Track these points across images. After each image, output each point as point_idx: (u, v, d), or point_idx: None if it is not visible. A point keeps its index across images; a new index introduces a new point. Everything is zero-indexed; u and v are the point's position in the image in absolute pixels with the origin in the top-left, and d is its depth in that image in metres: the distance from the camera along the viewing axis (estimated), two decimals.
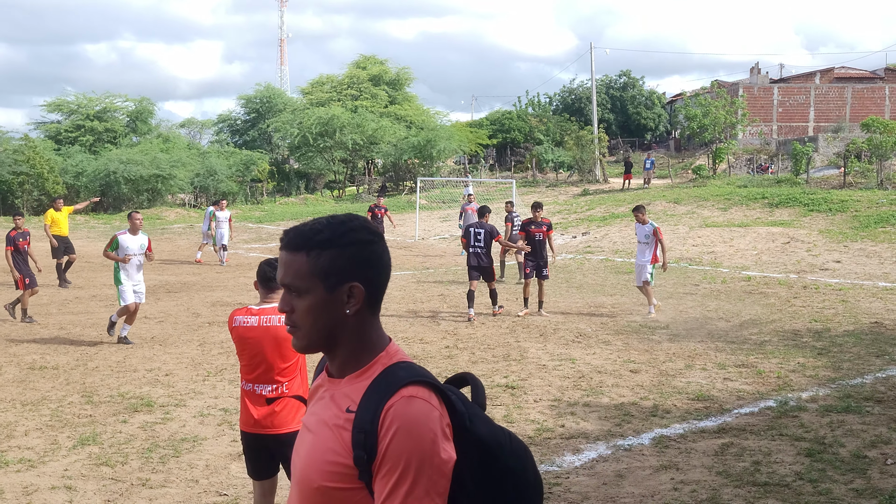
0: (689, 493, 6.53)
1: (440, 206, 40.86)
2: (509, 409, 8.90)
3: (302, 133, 53.40)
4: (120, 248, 12.22)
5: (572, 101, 75.40)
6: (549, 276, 15.33)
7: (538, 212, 15.36)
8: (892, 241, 22.43)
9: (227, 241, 24.08)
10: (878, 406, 8.77)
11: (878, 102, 61.11)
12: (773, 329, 13.25)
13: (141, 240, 12.48)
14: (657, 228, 14.95)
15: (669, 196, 34.25)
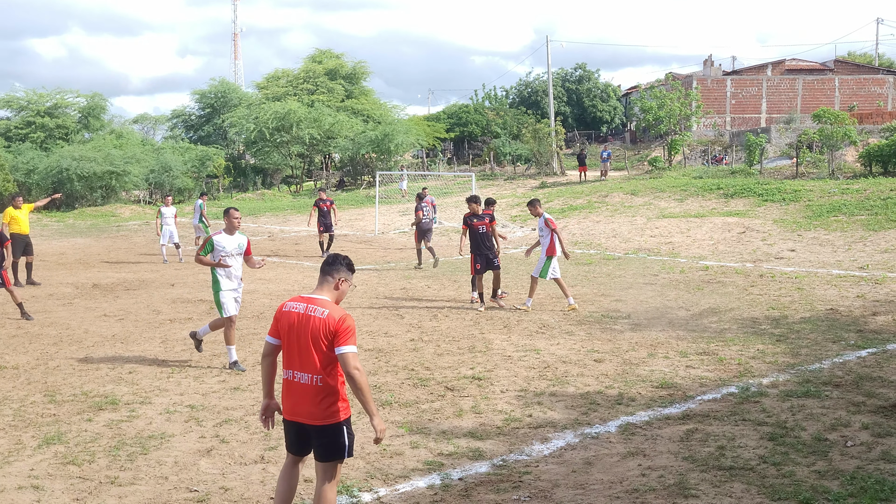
0: (656, 478, 6.64)
1: (398, 200, 40.83)
2: (476, 400, 8.95)
3: (258, 128, 53.00)
4: (215, 250, 10.53)
5: (529, 94, 75.73)
6: (500, 266, 15.31)
7: (475, 205, 15.26)
8: (844, 229, 22.88)
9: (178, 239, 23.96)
10: (837, 390, 8.97)
11: (828, 94, 62.18)
12: (732, 317, 13.47)
13: (239, 240, 10.70)
14: (548, 219, 15.01)
15: (626, 188, 34.56)
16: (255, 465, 7.13)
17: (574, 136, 67.64)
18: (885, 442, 7.26)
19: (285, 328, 5.35)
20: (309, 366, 5.22)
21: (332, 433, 5.27)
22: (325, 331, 5.18)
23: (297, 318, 5.29)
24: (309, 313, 5.26)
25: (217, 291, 10.63)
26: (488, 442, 7.64)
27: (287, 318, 5.33)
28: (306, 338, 5.21)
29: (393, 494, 6.45)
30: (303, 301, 5.36)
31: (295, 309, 5.32)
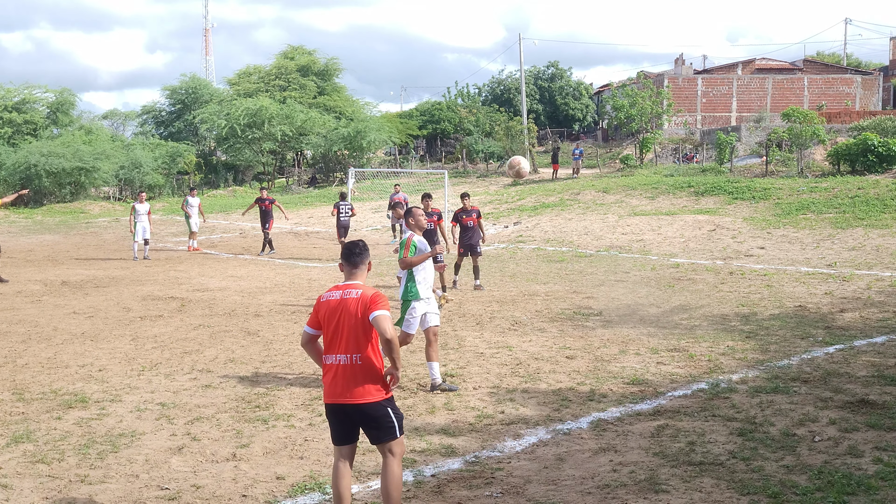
0: (627, 473, 6.69)
1: (371, 198, 40.75)
2: (449, 396, 8.97)
3: (229, 124, 52.62)
4: (417, 250, 9.59)
5: (501, 91, 75.77)
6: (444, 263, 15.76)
7: (428, 201, 16.21)
8: (812, 227, 23.15)
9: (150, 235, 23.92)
10: (805, 386, 9.08)
11: (797, 93, 62.77)
12: (702, 314, 13.59)
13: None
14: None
15: (598, 185, 34.74)
16: (227, 463, 7.10)
17: (546, 134, 67.75)
18: (852, 437, 7.37)
19: (325, 316, 5.66)
20: (351, 346, 5.54)
21: (375, 412, 5.54)
22: (360, 307, 5.55)
23: (336, 304, 5.63)
24: (346, 297, 5.63)
25: (413, 299, 9.47)
26: (461, 438, 7.66)
27: (326, 307, 5.66)
28: (346, 320, 5.56)
29: (366, 491, 6.46)
30: (338, 289, 5.72)
31: (332, 297, 5.69)
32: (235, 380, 9.79)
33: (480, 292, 16.37)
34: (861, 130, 34.17)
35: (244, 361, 10.71)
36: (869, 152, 30.35)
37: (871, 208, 24.18)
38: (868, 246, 20.28)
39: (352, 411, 5.54)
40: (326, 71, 65.17)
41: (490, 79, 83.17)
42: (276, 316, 13.97)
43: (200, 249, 25.69)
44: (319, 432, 7.81)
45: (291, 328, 12.83)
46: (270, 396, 9.07)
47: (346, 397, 5.52)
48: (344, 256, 5.85)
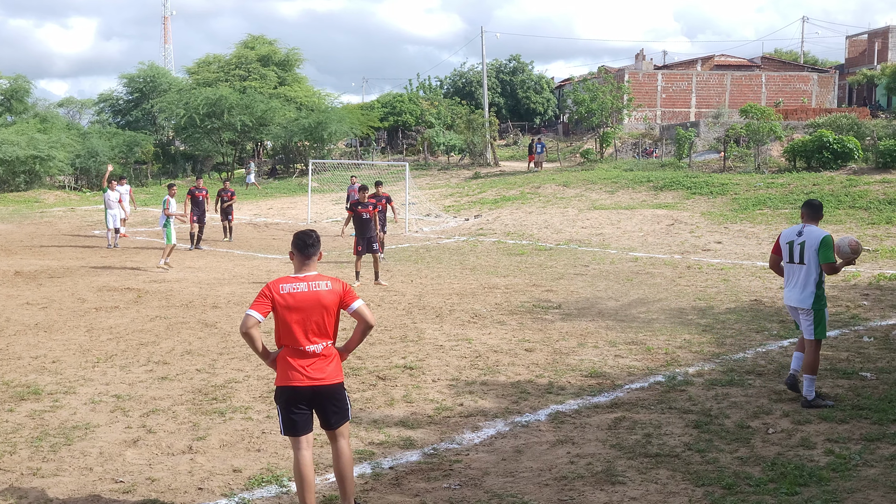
0: (584, 465, 6.73)
1: (332, 189, 40.55)
2: (408, 389, 8.97)
3: (188, 114, 52.01)
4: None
5: (463, 84, 75.82)
6: (380, 251, 16.94)
7: (364, 192, 17.04)
8: (768, 222, 23.46)
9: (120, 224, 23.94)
10: (759, 379, 9.21)
11: (755, 89, 63.55)
12: (660, 307, 13.71)
13: None
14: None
15: (559, 179, 34.90)
16: (183, 456, 7.04)
17: (508, 128, 67.91)
18: (805, 429, 7.48)
19: (291, 306, 5.64)
20: (323, 334, 5.69)
21: (341, 392, 5.78)
22: (334, 298, 5.70)
23: (304, 296, 5.65)
24: (315, 289, 5.68)
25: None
26: (419, 431, 7.66)
27: (291, 299, 5.64)
28: (319, 310, 5.65)
29: (323, 484, 6.43)
30: (300, 280, 5.71)
31: (297, 289, 5.67)
32: (192, 372, 9.70)
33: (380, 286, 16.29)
34: (817, 127, 34.67)
35: (201, 353, 10.61)
36: (824, 149, 30.82)
37: (825, 204, 24.44)
38: None
39: (324, 391, 5.68)
40: (287, 61, 64.67)
41: (452, 71, 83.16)
42: (234, 307, 13.85)
43: (127, 235, 26.15)
44: (277, 424, 7.73)
45: None
46: (228, 388, 8.99)
47: (321, 380, 5.66)
48: (297, 247, 5.80)
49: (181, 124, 53.51)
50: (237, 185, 43.89)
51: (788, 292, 8.41)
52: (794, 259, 8.31)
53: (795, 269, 8.33)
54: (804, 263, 8.25)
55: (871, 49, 68.31)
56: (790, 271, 8.39)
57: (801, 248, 8.26)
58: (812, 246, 8.19)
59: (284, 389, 5.70)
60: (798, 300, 8.29)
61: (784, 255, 8.41)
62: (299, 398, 5.67)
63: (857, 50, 72.20)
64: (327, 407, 5.74)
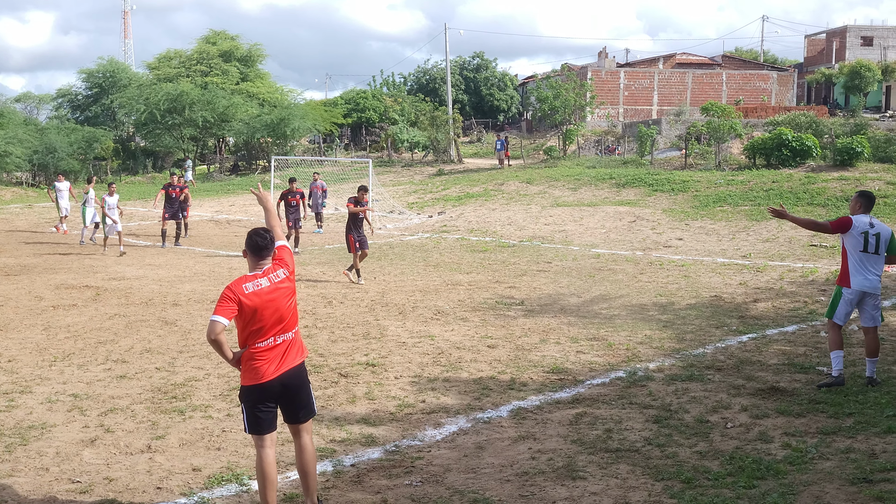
0: (545, 461, 6.76)
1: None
2: (370, 386, 8.94)
3: (149, 109, 51.42)
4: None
5: (427, 81, 75.74)
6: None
7: (363, 193, 17.01)
8: (729, 219, 23.72)
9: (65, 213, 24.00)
10: (719, 374, 9.31)
11: (716, 88, 64.17)
12: (621, 304, 13.80)
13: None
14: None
15: (522, 176, 34.99)
16: (142, 455, 6.96)
17: (472, 125, 67.98)
18: (763, 423, 7.57)
19: (258, 305, 5.57)
20: (291, 323, 5.75)
21: (305, 372, 5.85)
22: (291, 283, 5.80)
23: (268, 290, 5.63)
24: (275, 281, 5.69)
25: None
26: (381, 428, 7.64)
27: (257, 297, 5.58)
28: (283, 302, 5.67)
29: (284, 482, 6.39)
30: (260, 276, 5.68)
31: (260, 285, 5.63)
32: (152, 370, 9.59)
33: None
34: (776, 125, 35.12)
35: (161, 351, 10.49)
36: (783, 147, 31.21)
37: (784, 201, 24.85)
38: (781, 238, 20.87)
39: (291, 376, 5.69)
40: (249, 57, 64.22)
41: (416, 68, 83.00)
42: (194, 305, 13.72)
43: (68, 232, 26.15)
44: (238, 423, 7.69)
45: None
46: (188, 387, 8.91)
47: (290, 365, 5.69)
48: (251, 248, 5.73)
49: (141, 120, 52.89)
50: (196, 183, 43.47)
51: (864, 279, 8.74)
52: (869, 249, 8.69)
53: (872, 259, 8.74)
54: (878, 254, 8.71)
55: (830, 48, 69.33)
56: (867, 260, 8.75)
57: (877, 239, 8.69)
58: (885, 239, 8.72)
59: (253, 389, 5.64)
60: (873, 287, 8.74)
61: (860, 244, 8.70)
62: (267, 395, 5.63)
63: (815, 49, 73.25)
64: (296, 398, 5.73)
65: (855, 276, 8.71)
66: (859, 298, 8.78)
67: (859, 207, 8.90)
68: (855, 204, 8.98)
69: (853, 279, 8.72)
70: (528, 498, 6.08)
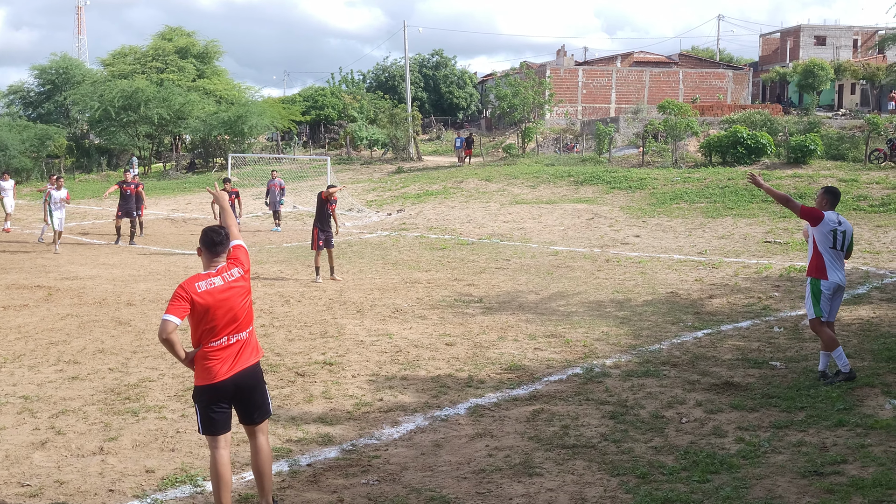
0: (503, 458, 6.77)
1: (252, 184, 39.97)
2: (328, 385, 8.89)
3: (103, 106, 50.66)
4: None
5: (386, 79, 75.58)
6: (335, 246, 16.91)
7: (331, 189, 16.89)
8: (685, 216, 23.96)
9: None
10: (674, 369, 9.39)
11: (672, 86, 64.80)
12: (579, 300, 13.87)
13: None
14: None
15: (481, 174, 35.05)
16: (94, 457, 6.85)
17: (431, 122, 67.96)
18: (717, 418, 7.65)
19: (210, 304, 5.52)
20: (245, 323, 5.69)
21: (260, 371, 5.80)
22: (246, 281, 5.74)
23: (222, 290, 5.58)
24: (229, 280, 5.64)
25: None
26: (338, 427, 7.60)
27: (210, 296, 5.52)
28: (237, 301, 5.62)
29: (239, 482, 6.33)
30: (214, 275, 5.62)
31: (214, 284, 5.58)
32: (104, 371, 9.45)
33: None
34: (732, 123, 35.58)
35: (114, 352, 10.35)
36: (739, 144, 31.62)
37: (739, 198, 25.18)
38: (736, 234, 21.12)
39: (245, 376, 5.64)
40: (206, 53, 63.59)
41: (375, 65, 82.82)
42: (149, 305, 13.55)
43: (11, 231, 26.03)
44: (192, 423, 7.61)
45: None
46: (141, 388, 8.79)
47: (243, 365, 5.64)
48: (206, 245, 5.69)
49: (96, 117, 52.11)
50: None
51: (840, 274, 8.86)
52: (837, 246, 8.81)
53: (839, 255, 8.86)
54: (843, 251, 8.85)
55: (784, 47, 70.33)
56: (835, 257, 8.85)
57: (843, 236, 8.81)
58: (849, 236, 8.87)
59: (206, 388, 5.57)
60: (844, 282, 8.90)
61: (829, 241, 8.78)
62: (222, 395, 5.58)
63: (770, 48, 74.26)
64: (250, 398, 5.67)
65: (831, 271, 8.77)
66: (835, 292, 8.82)
67: (826, 204, 8.94)
68: (822, 200, 9.02)
69: (830, 273, 8.77)
70: (485, 495, 6.09)
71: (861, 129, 35.22)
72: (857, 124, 38.71)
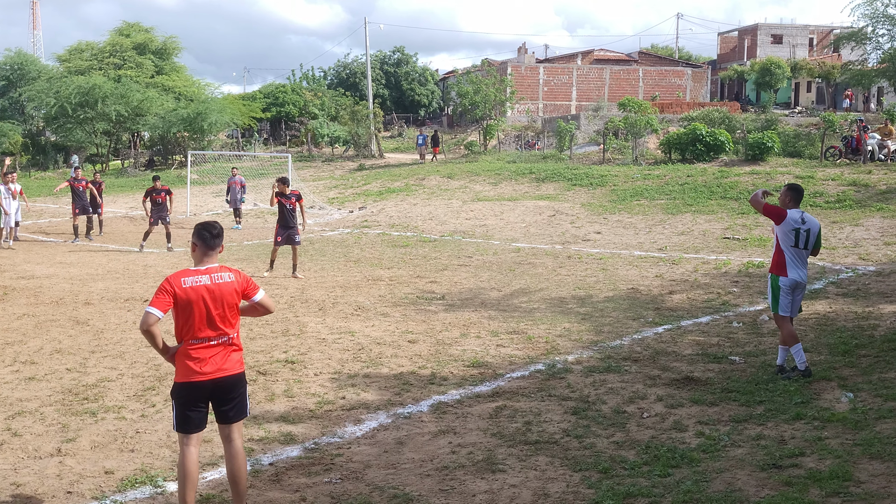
0: (466, 455, 6.78)
1: (212, 181, 39.64)
2: (289, 383, 8.84)
3: (59, 103, 49.88)
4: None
5: (347, 76, 75.33)
6: (301, 243, 16.84)
7: (284, 185, 16.77)
8: (645, 213, 24.15)
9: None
10: (635, 365, 9.46)
11: (632, 83, 65.32)
12: (541, 297, 13.93)
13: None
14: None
15: (443, 171, 35.06)
16: (51, 459, 6.74)
17: (392, 119, 67.83)
18: (677, 412, 7.73)
19: (193, 300, 5.53)
20: (228, 326, 5.64)
21: (242, 381, 5.75)
22: (237, 290, 5.68)
23: (207, 289, 5.57)
24: (217, 282, 5.62)
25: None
26: (300, 426, 7.56)
27: (194, 293, 5.53)
28: (222, 303, 5.60)
29: (201, 483, 6.26)
30: (202, 273, 5.62)
31: (200, 282, 5.58)
32: (62, 371, 9.31)
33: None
34: (691, 121, 35.89)
35: (72, 352, 10.20)
36: (697, 142, 31.93)
37: (698, 195, 25.44)
38: (696, 231, 21.34)
39: (227, 382, 5.61)
40: (165, 49, 62.90)
41: (336, 62, 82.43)
42: (107, 304, 13.38)
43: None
44: (152, 423, 7.53)
45: (125, 316, 12.31)
46: (100, 388, 8.67)
47: (223, 371, 5.60)
48: (201, 238, 5.70)
49: (52, 114, 51.29)
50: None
51: (800, 272, 8.96)
52: (800, 244, 8.91)
53: (802, 253, 8.97)
54: (807, 248, 8.94)
55: (742, 46, 71.16)
56: (798, 255, 8.96)
57: (807, 234, 8.89)
58: (814, 234, 8.93)
59: (185, 386, 5.56)
60: (804, 279, 9.00)
61: (791, 239, 8.88)
62: (200, 395, 5.57)
63: (728, 46, 75.09)
64: (228, 399, 5.65)
65: (791, 269, 8.88)
66: (794, 288, 8.93)
67: (789, 201, 9.02)
68: (785, 198, 9.09)
69: (790, 271, 8.88)
70: (448, 492, 6.09)
71: (817, 126, 35.74)
72: (812, 122, 39.30)
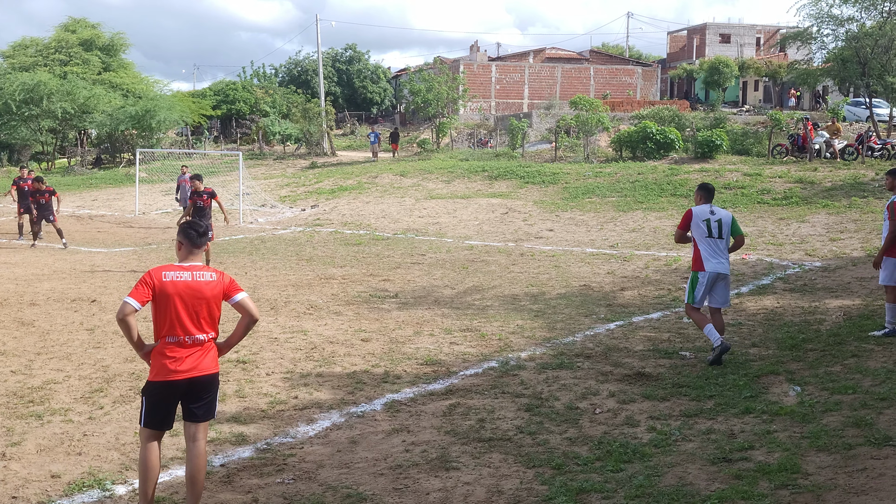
0: (419, 453, 6.76)
1: (161, 179, 39.12)
2: (241, 383, 8.75)
3: (3, 100, 48.82)
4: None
5: (299, 73, 74.82)
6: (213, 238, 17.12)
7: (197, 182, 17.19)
8: (597, 210, 24.34)
9: None
10: (588, 361, 9.52)
11: (584, 82, 65.80)
12: (494, 294, 13.96)
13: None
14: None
15: (396, 169, 34.99)
16: None
17: (345, 117, 67.53)
18: (629, 408, 7.79)
19: (172, 294, 5.52)
20: (206, 325, 5.63)
21: (216, 381, 5.74)
22: (219, 290, 5.66)
23: (187, 285, 5.55)
24: (198, 279, 5.60)
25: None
26: (252, 426, 7.48)
27: (173, 287, 5.53)
28: (202, 301, 5.59)
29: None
30: (184, 269, 5.62)
31: (181, 277, 5.57)
32: (6, 374, 9.10)
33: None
34: (641, 119, 36.22)
35: (17, 354, 9.98)
36: (648, 139, 32.29)
37: (649, 192, 25.71)
38: (647, 228, 21.56)
39: (201, 382, 5.60)
40: (112, 46, 61.85)
41: (287, 59, 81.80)
42: (54, 304, 13.12)
43: None
44: (100, 426, 7.40)
45: (71, 317, 12.08)
46: (46, 390, 8.49)
47: (198, 370, 5.58)
48: (187, 237, 5.70)
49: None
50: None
51: (716, 263, 9.38)
52: (713, 234, 9.37)
53: (718, 243, 9.41)
54: (722, 238, 9.39)
55: (691, 45, 72.05)
56: (713, 244, 9.41)
57: (719, 224, 9.38)
58: (727, 223, 9.45)
59: (160, 384, 5.53)
60: (726, 268, 9.42)
61: (703, 231, 9.37)
62: (173, 394, 5.57)
63: (677, 45, 76.00)
64: (200, 398, 5.64)
65: (708, 260, 9.36)
66: (713, 281, 9.40)
67: (700, 199, 9.68)
68: (697, 196, 9.80)
69: (707, 264, 9.36)
70: (402, 491, 6.07)
71: (764, 124, 36.29)
72: (760, 120, 39.89)
